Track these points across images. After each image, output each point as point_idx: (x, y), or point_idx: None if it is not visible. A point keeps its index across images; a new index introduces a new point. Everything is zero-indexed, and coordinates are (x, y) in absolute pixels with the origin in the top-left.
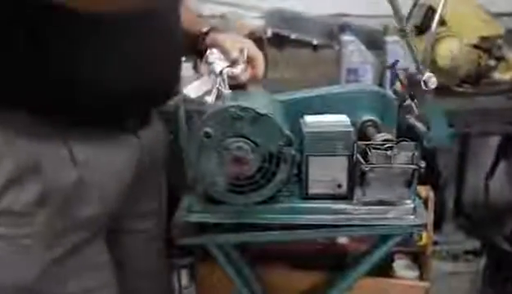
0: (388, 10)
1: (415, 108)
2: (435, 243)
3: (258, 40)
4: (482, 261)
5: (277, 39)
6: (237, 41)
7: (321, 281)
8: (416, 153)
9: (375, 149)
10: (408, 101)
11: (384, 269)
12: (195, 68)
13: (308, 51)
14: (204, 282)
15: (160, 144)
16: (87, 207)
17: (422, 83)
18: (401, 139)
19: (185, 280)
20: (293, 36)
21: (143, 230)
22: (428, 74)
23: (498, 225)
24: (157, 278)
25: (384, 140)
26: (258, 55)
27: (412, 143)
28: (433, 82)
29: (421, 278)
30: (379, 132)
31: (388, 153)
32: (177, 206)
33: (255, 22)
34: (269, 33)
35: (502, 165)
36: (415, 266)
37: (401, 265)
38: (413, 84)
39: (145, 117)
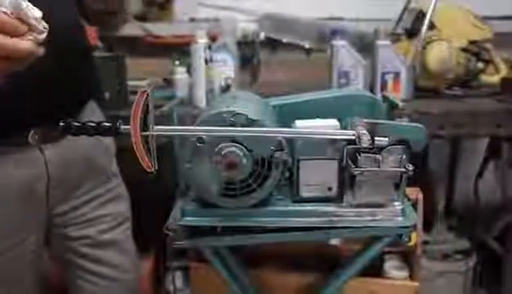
0: (379, 14)
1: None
2: (426, 243)
3: (250, 43)
4: (472, 261)
5: (270, 43)
6: None
7: (312, 282)
8: (404, 157)
9: (364, 152)
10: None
11: (374, 270)
12: (189, 71)
13: (300, 54)
14: (198, 284)
15: (98, 152)
16: None
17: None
18: (389, 143)
19: (179, 283)
20: (285, 40)
21: (86, 236)
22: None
23: (488, 225)
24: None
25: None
26: None
27: (400, 147)
28: (364, 141)
29: (411, 277)
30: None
31: (377, 156)
32: (171, 210)
33: (248, 26)
34: (262, 36)
35: (491, 166)
36: (405, 266)
37: (391, 265)
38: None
39: (49, 130)
